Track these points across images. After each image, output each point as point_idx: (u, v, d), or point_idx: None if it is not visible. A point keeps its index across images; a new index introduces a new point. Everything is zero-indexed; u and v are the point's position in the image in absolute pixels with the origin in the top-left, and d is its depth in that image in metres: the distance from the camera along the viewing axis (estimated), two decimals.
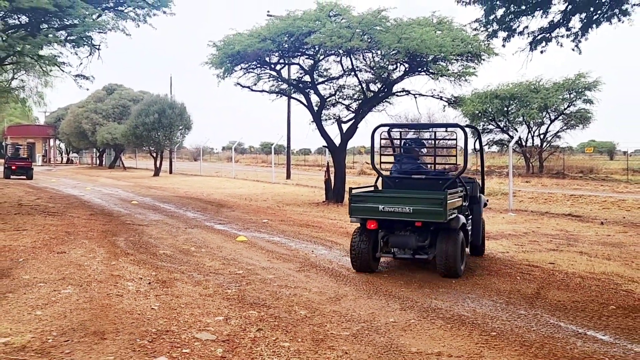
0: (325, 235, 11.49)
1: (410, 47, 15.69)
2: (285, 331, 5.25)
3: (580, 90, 35.10)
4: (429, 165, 8.94)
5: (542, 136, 38.50)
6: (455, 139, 8.63)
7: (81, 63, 15.29)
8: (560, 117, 37.09)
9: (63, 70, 14.85)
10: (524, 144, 38.66)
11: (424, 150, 9.15)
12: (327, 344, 4.94)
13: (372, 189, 8.60)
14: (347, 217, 8.14)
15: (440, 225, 7.34)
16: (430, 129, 10.08)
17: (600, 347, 5.03)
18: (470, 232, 8.56)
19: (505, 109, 38.20)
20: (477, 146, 10.80)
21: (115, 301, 6.04)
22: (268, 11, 31.08)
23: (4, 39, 9.49)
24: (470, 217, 8.76)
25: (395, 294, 6.78)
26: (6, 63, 15.48)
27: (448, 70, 17.25)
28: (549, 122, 37.63)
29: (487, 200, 9.88)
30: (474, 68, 18.01)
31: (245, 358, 4.53)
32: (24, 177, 31.18)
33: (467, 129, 8.93)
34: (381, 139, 8.74)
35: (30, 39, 11.70)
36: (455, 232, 7.49)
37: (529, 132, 38.49)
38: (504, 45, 12.01)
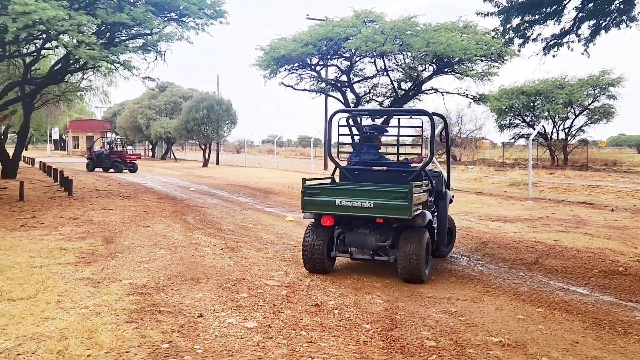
0: None
1: (437, 50, 16.83)
2: (332, 282, 6.58)
3: (604, 86, 35.40)
4: (390, 156, 8.06)
5: (566, 130, 38.87)
6: (421, 127, 7.79)
7: (148, 67, 16.89)
8: (585, 112, 37.43)
9: (133, 74, 16.44)
10: (549, 137, 39.13)
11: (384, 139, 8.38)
12: (364, 290, 6.25)
13: (328, 181, 7.59)
14: None
15: (404, 222, 6.43)
16: (394, 115, 9.69)
17: (577, 297, 6.23)
18: (435, 231, 7.42)
19: (531, 104, 38.73)
20: (443, 137, 9.29)
21: (200, 260, 7.49)
22: (307, 14, 32.28)
23: (95, 49, 10.97)
24: (436, 214, 7.63)
25: None
26: (86, 68, 17.21)
27: (472, 70, 18.32)
28: (573, 116, 38.01)
29: (453, 197, 8.74)
30: (498, 68, 19.02)
31: (304, 297, 5.87)
32: (130, 170, 31.83)
33: (434, 117, 7.84)
34: (339, 125, 7.65)
35: (113, 49, 13.31)
36: (420, 230, 6.53)
37: (554, 126, 38.95)
38: (519, 51, 12.99)
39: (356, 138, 8.31)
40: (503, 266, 7.78)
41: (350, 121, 8.35)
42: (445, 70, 18.85)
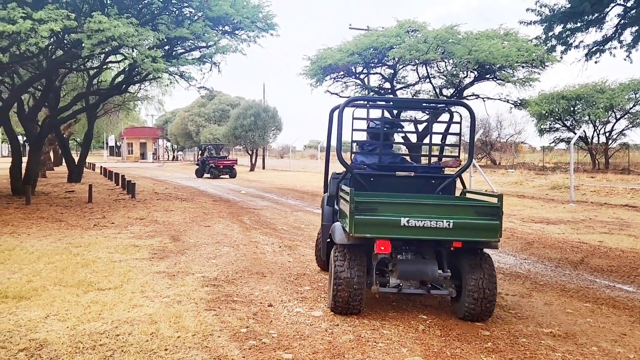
0: None
1: (479, 57, 16.88)
2: None
3: None
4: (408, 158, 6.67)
5: (607, 134, 38.02)
6: (460, 123, 6.22)
7: (203, 77, 17.49)
8: (626, 116, 36.55)
9: (190, 84, 17.08)
10: (589, 141, 38.34)
11: (396, 138, 6.99)
12: None
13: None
14: None
15: (478, 245, 5.02)
16: (424, 108, 7.51)
17: (623, 294, 6.32)
18: None
19: (572, 108, 38.04)
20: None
21: (261, 256, 7.86)
22: (350, 24, 32.65)
23: (160, 62, 11.54)
24: None
25: None
26: (148, 79, 17.98)
27: (513, 76, 18.28)
28: (614, 120, 37.17)
29: None
30: (539, 74, 18.91)
31: None
32: (228, 175, 30.98)
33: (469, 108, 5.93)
34: (354, 118, 5.93)
35: (174, 61, 13.93)
36: (485, 254, 5.13)
37: (595, 130, 38.15)
38: (561, 58, 12.99)
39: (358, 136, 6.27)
40: (549, 265, 7.87)
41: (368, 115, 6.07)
42: (487, 76, 18.85)
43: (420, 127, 20.77)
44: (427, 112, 7.04)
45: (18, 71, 16.61)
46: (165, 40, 14.13)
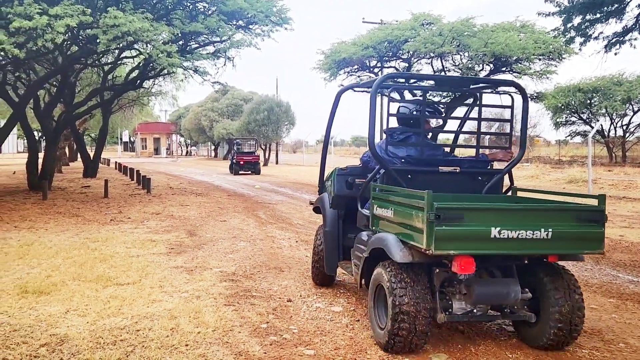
0: None
1: (496, 50, 16.68)
2: None
3: None
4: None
5: (624, 127, 37.52)
6: (511, 107, 5.00)
7: (217, 72, 17.45)
8: None
9: (204, 79, 17.06)
10: (606, 134, 37.86)
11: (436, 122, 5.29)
12: None
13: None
14: None
15: (577, 258, 4.31)
16: (466, 86, 5.96)
17: None
18: None
19: (588, 101, 37.54)
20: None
21: (278, 251, 7.82)
22: (363, 18, 32.40)
23: (175, 57, 11.52)
24: None
25: None
26: (162, 74, 17.99)
27: (530, 69, 18.05)
28: (631, 113, 36.65)
29: None
30: (555, 66, 18.65)
31: None
32: (251, 172, 28.77)
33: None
34: (391, 101, 4.87)
35: (188, 56, 13.91)
36: (565, 270, 4.27)
37: (612, 123, 37.65)
38: (580, 50, 12.80)
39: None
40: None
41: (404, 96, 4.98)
42: (503, 69, 18.63)
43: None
44: (468, 93, 6.11)
45: (34, 67, 16.70)
46: (180, 35, 14.11)
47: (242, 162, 28.57)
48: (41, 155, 18.15)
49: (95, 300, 5.21)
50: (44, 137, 18.67)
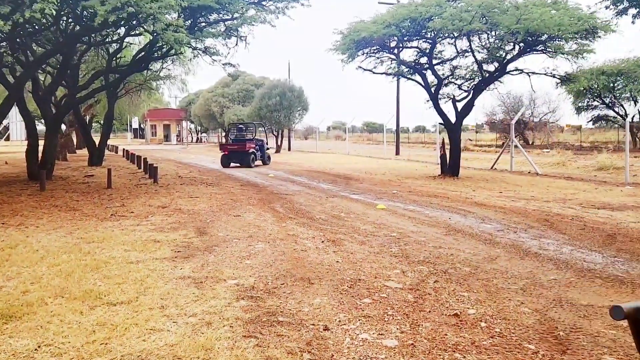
0: (456, 205, 11.59)
1: (530, 27, 15.24)
2: (459, 283, 5.53)
3: None
4: None
5: None
6: None
7: (229, 52, 16.20)
8: None
9: (214, 60, 15.80)
10: (632, 119, 36.24)
11: None
12: (501, 295, 5.17)
13: None
14: (468, 189, 5.51)
15: None
16: None
17: None
18: None
19: (612, 85, 35.87)
20: None
21: (303, 255, 6.60)
22: None
23: (182, 32, 10.30)
24: None
25: (544, 255, 6.87)
26: (169, 55, 16.73)
27: (564, 48, 16.59)
28: None
29: None
30: (588, 46, 17.18)
31: (435, 303, 4.87)
32: (239, 164, 23.88)
33: None
34: None
35: (198, 33, 12.64)
36: None
37: (636, 107, 35.98)
38: (633, 22, 11.41)
39: None
40: None
41: None
42: (536, 48, 17.15)
43: (460, 105, 19.29)
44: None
45: (31, 47, 15.50)
46: (188, 11, 12.86)
47: (226, 152, 23.88)
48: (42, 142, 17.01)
49: (77, 329, 4.03)
50: (44, 123, 17.47)
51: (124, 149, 33.07)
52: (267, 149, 25.81)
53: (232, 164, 23.96)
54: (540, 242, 7.66)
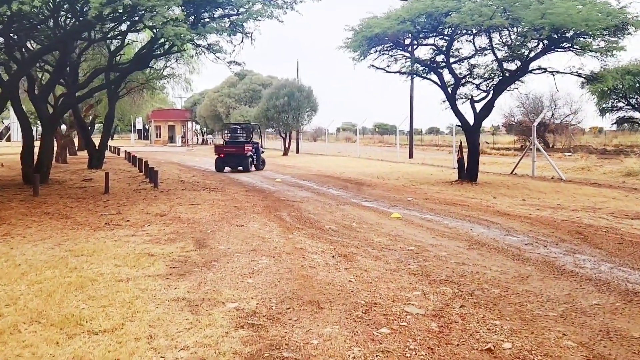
0: (477, 214, 11.06)
1: (555, 22, 14.67)
2: (488, 309, 5.03)
3: None
4: None
5: None
6: None
7: (234, 50, 15.74)
8: None
9: (218, 57, 15.37)
10: None
11: None
12: (538, 324, 4.66)
13: None
14: (489, 196, 5.46)
15: None
16: None
17: None
18: None
19: (638, 85, 35.10)
20: None
21: (312, 272, 6.12)
22: None
23: (183, 27, 9.88)
24: None
25: (581, 274, 6.34)
26: (171, 52, 16.33)
27: (592, 45, 16.00)
28: None
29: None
30: (617, 43, 16.57)
31: (463, 334, 4.37)
32: (236, 168, 22.86)
33: None
34: None
35: (201, 28, 12.20)
36: None
37: None
38: None
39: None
40: None
41: None
42: (562, 45, 16.56)
43: (478, 106, 18.71)
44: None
45: (26, 45, 15.15)
46: (192, 6, 12.46)
47: (222, 155, 22.70)
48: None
49: None
50: (40, 123, 17.11)
51: (125, 151, 32.76)
52: (262, 152, 24.60)
53: (226, 169, 23.03)
54: (574, 259, 7.12)
